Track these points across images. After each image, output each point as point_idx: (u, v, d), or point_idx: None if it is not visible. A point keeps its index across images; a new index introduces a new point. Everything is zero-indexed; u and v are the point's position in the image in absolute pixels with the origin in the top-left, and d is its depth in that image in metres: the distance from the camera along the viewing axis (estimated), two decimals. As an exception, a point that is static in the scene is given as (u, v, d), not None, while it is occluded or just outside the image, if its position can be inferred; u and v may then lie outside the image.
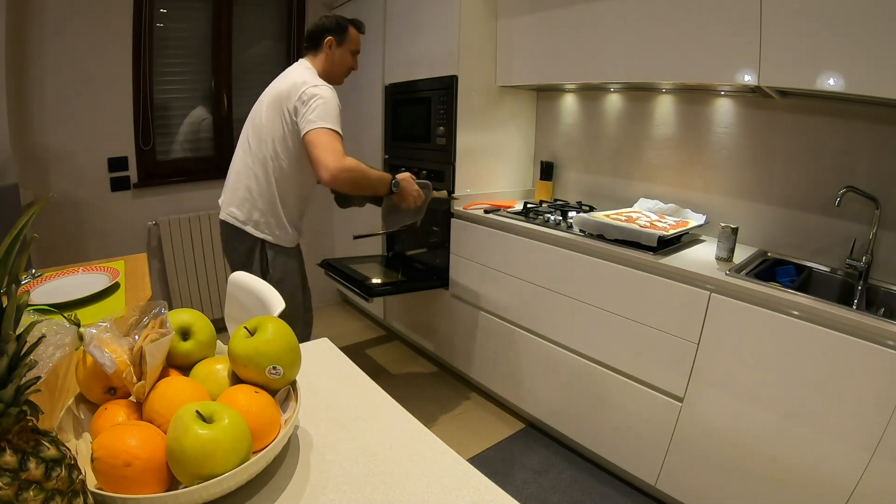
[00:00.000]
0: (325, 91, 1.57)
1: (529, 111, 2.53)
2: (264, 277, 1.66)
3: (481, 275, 2.18)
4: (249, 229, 1.69)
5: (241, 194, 1.69)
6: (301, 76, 1.62)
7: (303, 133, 1.54)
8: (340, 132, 1.56)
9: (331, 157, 1.50)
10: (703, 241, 1.82)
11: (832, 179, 1.58)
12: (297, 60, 1.77)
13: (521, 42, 2.17)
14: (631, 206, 2.07)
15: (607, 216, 1.81)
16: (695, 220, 1.86)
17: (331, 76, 1.72)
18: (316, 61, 1.72)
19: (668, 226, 1.74)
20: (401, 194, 1.72)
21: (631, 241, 1.65)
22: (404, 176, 1.73)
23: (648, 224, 1.74)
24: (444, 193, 2.16)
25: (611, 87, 2.17)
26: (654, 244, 1.59)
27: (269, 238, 1.70)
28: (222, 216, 1.75)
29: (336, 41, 1.72)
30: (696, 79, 1.63)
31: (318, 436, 0.69)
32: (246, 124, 1.74)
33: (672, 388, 1.56)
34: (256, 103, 1.73)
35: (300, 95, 1.56)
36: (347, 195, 1.78)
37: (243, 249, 1.72)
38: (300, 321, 1.86)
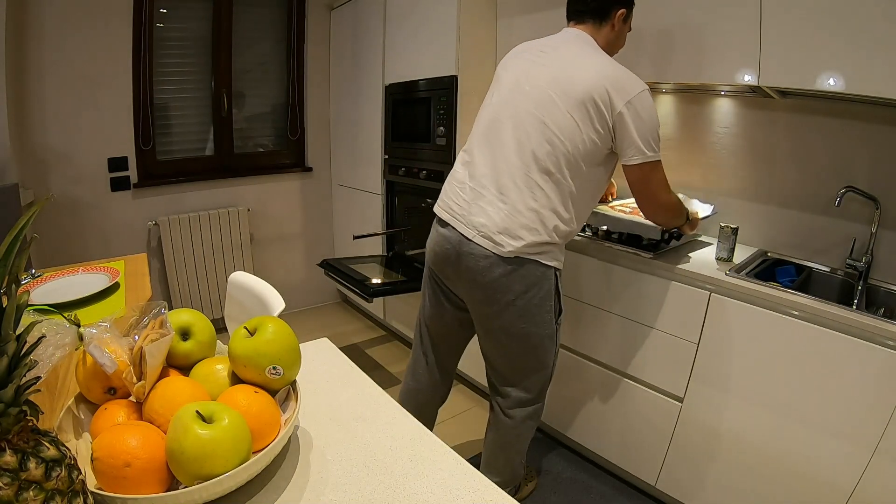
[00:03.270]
0: (650, 97, 1.26)
1: (529, 111, 2.53)
2: (557, 317, 1.41)
3: (481, 275, 2.18)
4: (546, 259, 1.33)
5: (524, 215, 1.29)
6: (613, 70, 1.27)
7: (634, 161, 1.27)
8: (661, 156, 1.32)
9: (656, 198, 1.35)
10: (700, 238, 1.82)
11: (832, 179, 1.58)
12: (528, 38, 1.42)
13: (521, 42, 2.16)
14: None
15: (612, 207, 1.80)
16: (703, 210, 1.75)
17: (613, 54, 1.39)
18: (599, 35, 1.37)
19: None
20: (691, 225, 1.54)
21: (634, 233, 1.63)
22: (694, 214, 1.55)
23: None
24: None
25: (611, 87, 2.17)
26: (658, 237, 1.57)
27: (559, 265, 1.38)
28: (485, 244, 1.31)
29: (627, 15, 1.39)
30: (696, 79, 1.63)
31: (318, 436, 0.69)
32: (502, 112, 1.35)
33: (672, 388, 1.56)
34: (515, 84, 1.36)
35: (627, 105, 1.23)
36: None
37: (531, 286, 1.33)
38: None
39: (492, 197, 1.32)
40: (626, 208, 1.81)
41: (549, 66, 1.33)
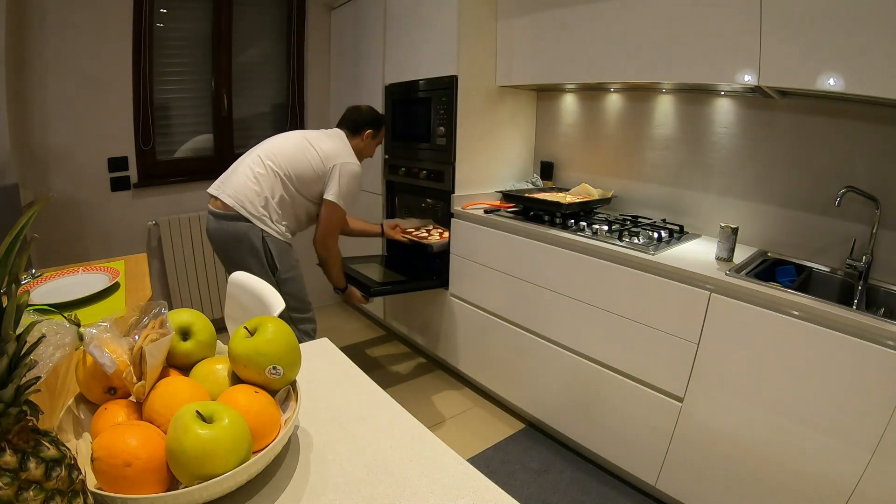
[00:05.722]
0: (357, 170, 1.93)
1: (529, 111, 2.53)
2: (274, 273, 1.86)
3: (481, 275, 2.18)
4: (257, 223, 1.81)
5: (254, 188, 1.81)
6: (345, 149, 1.94)
7: (326, 196, 1.88)
8: (346, 210, 1.94)
9: (329, 232, 1.92)
10: (701, 237, 1.82)
11: (832, 179, 1.58)
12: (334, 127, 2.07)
13: (521, 42, 2.17)
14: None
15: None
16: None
17: (358, 157, 2.01)
18: (353, 141, 2.02)
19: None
20: (346, 297, 2.16)
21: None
22: (352, 290, 2.16)
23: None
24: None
25: (611, 87, 2.17)
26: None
27: (272, 233, 1.84)
28: (226, 199, 1.79)
29: (373, 134, 2.05)
30: (696, 79, 1.63)
31: (318, 436, 0.69)
32: (270, 144, 1.91)
33: (672, 388, 1.56)
34: (286, 135, 1.95)
35: (340, 166, 1.88)
36: None
37: (245, 238, 1.81)
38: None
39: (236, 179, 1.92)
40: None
41: (307, 132, 1.98)
